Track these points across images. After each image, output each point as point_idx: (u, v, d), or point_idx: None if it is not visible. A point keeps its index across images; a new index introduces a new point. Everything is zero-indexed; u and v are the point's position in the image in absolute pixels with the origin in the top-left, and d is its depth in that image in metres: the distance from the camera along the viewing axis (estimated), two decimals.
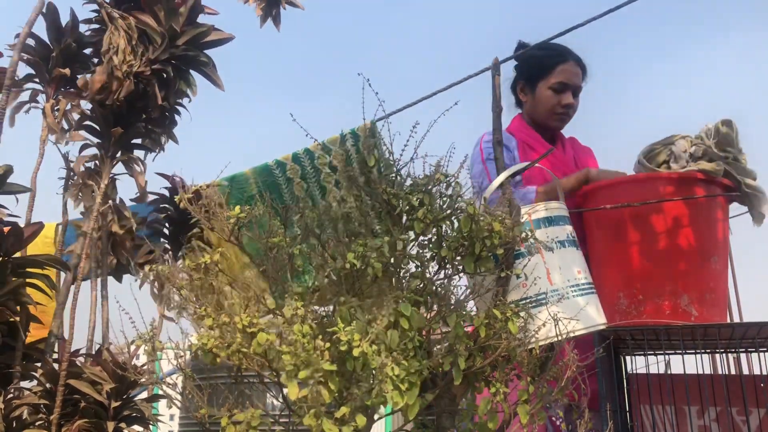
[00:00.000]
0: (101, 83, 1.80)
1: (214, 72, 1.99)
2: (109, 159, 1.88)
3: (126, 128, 1.88)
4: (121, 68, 1.80)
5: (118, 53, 1.81)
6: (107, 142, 1.89)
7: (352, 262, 1.22)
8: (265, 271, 1.36)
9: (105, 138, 1.90)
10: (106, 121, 1.87)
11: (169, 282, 1.41)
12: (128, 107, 1.90)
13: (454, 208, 1.30)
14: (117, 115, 1.89)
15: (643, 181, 2.00)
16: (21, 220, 1.82)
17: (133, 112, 1.92)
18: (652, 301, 1.89)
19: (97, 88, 1.80)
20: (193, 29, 1.91)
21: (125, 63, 1.81)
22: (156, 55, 1.86)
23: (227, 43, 2.00)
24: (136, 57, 1.84)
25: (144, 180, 1.96)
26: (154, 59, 1.86)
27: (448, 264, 1.32)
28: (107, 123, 1.87)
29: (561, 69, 2.36)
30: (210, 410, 1.28)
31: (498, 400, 1.29)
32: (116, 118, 1.88)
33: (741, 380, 1.87)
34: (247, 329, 1.17)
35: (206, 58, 1.99)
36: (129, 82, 1.82)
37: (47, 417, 1.64)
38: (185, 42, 1.89)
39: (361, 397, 1.15)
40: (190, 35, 1.90)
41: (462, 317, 1.29)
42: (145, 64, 1.85)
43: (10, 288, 1.69)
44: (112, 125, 1.86)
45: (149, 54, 1.87)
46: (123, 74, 1.81)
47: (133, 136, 1.95)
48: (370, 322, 1.17)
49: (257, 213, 1.40)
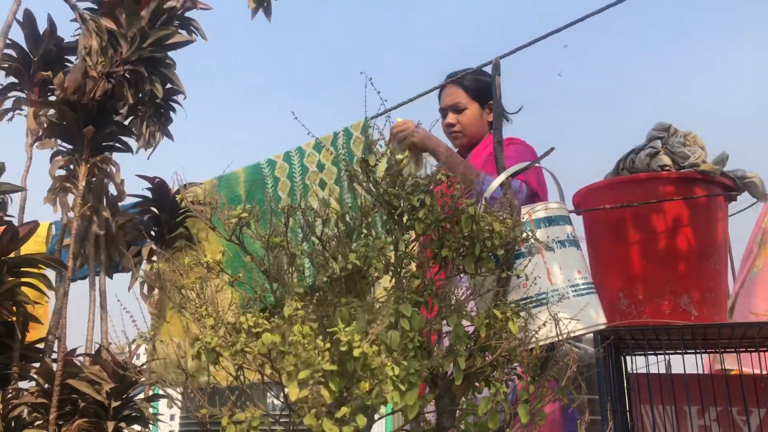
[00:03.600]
0: (76, 83, 1.82)
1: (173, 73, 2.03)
2: (84, 161, 1.89)
3: (98, 129, 1.90)
4: (96, 68, 1.83)
5: (91, 54, 1.84)
6: (80, 145, 1.90)
7: (353, 262, 1.22)
8: (266, 270, 1.36)
9: (77, 141, 1.91)
10: (78, 123, 1.89)
11: (168, 281, 1.41)
12: (99, 108, 1.92)
13: (455, 209, 1.30)
14: (88, 116, 1.91)
15: (643, 181, 2.01)
16: (14, 219, 1.82)
17: (104, 113, 1.94)
18: (652, 301, 1.89)
19: (73, 87, 1.81)
20: (157, 31, 1.95)
21: (99, 63, 1.84)
22: (126, 56, 1.89)
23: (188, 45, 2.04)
24: (107, 58, 1.87)
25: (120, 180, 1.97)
26: (125, 60, 1.89)
27: (449, 264, 1.31)
28: (79, 125, 1.89)
29: (441, 96, 2.51)
30: (210, 410, 1.27)
31: (498, 400, 1.29)
32: (87, 120, 1.90)
33: (741, 380, 1.87)
34: (253, 329, 1.17)
35: (170, 60, 2.03)
36: (104, 82, 1.84)
37: (46, 417, 1.63)
38: (150, 44, 1.93)
39: (362, 397, 1.15)
40: (154, 37, 1.94)
41: (462, 317, 1.29)
42: (116, 65, 1.87)
43: (6, 288, 1.69)
44: (83, 127, 1.88)
45: (119, 55, 1.90)
46: (98, 74, 1.83)
47: (105, 138, 1.97)
48: (370, 322, 1.17)
49: (257, 213, 1.39)
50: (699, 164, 1.96)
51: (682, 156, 1.99)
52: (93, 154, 1.91)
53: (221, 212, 1.37)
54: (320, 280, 1.30)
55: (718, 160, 1.99)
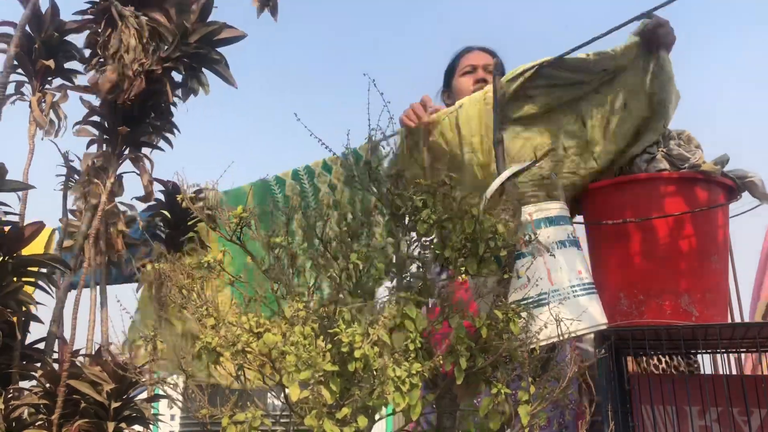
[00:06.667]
0: (112, 83, 1.79)
1: (226, 70, 1.99)
2: (116, 156, 1.87)
3: (134, 126, 1.87)
4: (132, 67, 1.79)
5: (129, 52, 1.79)
6: (115, 138, 1.87)
7: (355, 262, 1.22)
8: (266, 271, 1.35)
9: (112, 134, 1.88)
10: (114, 117, 1.86)
11: (170, 280, 1.41)
12: (138, 105, 1.89)
13: (457, 210, 1.30)
14: (126, 112, 1.87)
15: (644, 181, 2.00)
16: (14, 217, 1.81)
17: (142, 110, 1.91)
18: (653, 301, 1.89)
19: (108, 87, 1.78)
20: (205, 27, 1.90)
21: (136, 61, 1.80)
22: (167, 53, 1.85)
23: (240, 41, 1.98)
24: (147, 55, 1.82)
25: (149, 179, 1.95)
26: (166, 57, 1.85)
27: (451, 265, 1.31)
28: (115, 120, 1.85)
29: (465, 58, 2.52)
30: (210, 410, 1.27)
31: (499, 400, 1.28)
32: (125, 116, 1.87)
33: (742, 380, 1.87)
34: (254, 329, 1.17)
35: (218, 56, 1.98)
36: (140, 81, 1.81)
37: (47, 417, 1.63)
38: (197, 40, 1.88)
39: (363, 398, 1.15)
40: (201, 33, 1.89)
41: (464, 318, 1.29)
42: (157, 62, 1.84)
43: (10, 288, 1.68)
44: (120, 122, 1.84)
45: (161, 52, 1.85)
46: (134, 73, 1.79)
47: (141, 134, 1.94)
48: (371, 323, 1.17)
49: (258, 213, 1.39)
50: (700, 165, 1.96)
51: (680, 158, 1.99)
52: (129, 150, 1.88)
53: (223, 214, 1.37)
54: (321, 280, 1.29)
55: (719, 160, 1.99)
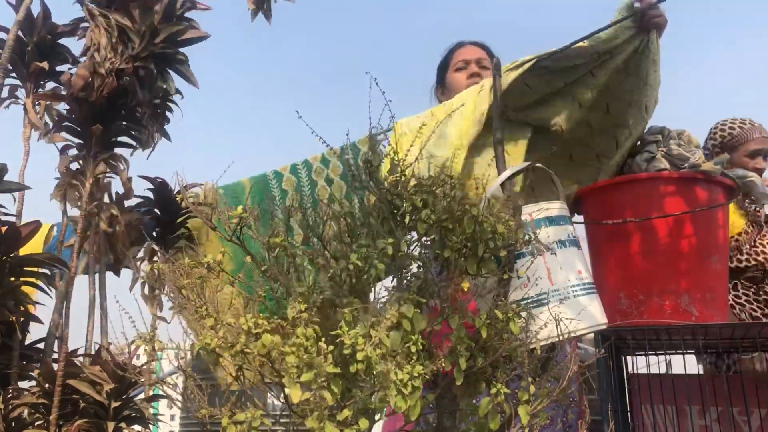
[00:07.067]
0: (84, 80, 1.80)
1: (188, 69, 2.00)
2: (92, 158, 1.87)
3: (106, 126, 1.88)
4: (104, 65, 1.80)
5: (99, 50, 1.82)
6: (89, 141, 1.88)
7: (355, 262, 1.21)
8: (266, 271, 1.35)
9: (86, 137, 1.89)
10: (87, 120, 1.86)
11: (169, 280, 1.40)
12: (108, 105, 1.90)
13: (457, 210, 1.29)
14: (97, 113, 1.88)
15: (644, 181, 2.00)
16: (5, 209, 1.81)
17: (113, 109, 1.91)
18: (653, 301, 1.89)
19: (80, 84, 1.79)
20: (170, 27, 1.91)
21: (107, 60, 1.81)
22: (136, 53, 1.87)
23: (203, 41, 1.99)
24: (116, 54, 1.84)
25: (127, 177, 1.95)
26: (135, 56, 1.87)
27: (451, 265, 1.31)
28: (87, 122, 1.86)
29: (458, 53, 2.53)
30: (210, 410, 1.27)
31: (499, 400, 1.28)
32: (96, 117, 1.87)
33: (742, 380, 1.87)
34: (253, 330, 1.16)
35: (183, 56, 2.00)
36: (111, 79, 1.82)
37: (46, 417, 1.63)
38: (162, 40, 1.90)
39: (364, 399, 1.15)
40: (167, 33, 1.90)
41: (464, 318, 1.29)
42: (126, 61, 1.85)
43: (7, 288, 1.68)
44: (92, 124, 1.85)
45: (129, 51, 1.87)
46: (106, 71, 1.81)
47: (114, 134, 1.94)
48: (373, 325, 1.17)
49: (258, 213, 1.39)
50: (700, 164, 1.96)
51: (680, 158, 1.99)
52: (102, 151, 1.89)
53: (222, 213, 1.37)
54: (322, 280, 1.29)
55: (719, 160, 1.99)
